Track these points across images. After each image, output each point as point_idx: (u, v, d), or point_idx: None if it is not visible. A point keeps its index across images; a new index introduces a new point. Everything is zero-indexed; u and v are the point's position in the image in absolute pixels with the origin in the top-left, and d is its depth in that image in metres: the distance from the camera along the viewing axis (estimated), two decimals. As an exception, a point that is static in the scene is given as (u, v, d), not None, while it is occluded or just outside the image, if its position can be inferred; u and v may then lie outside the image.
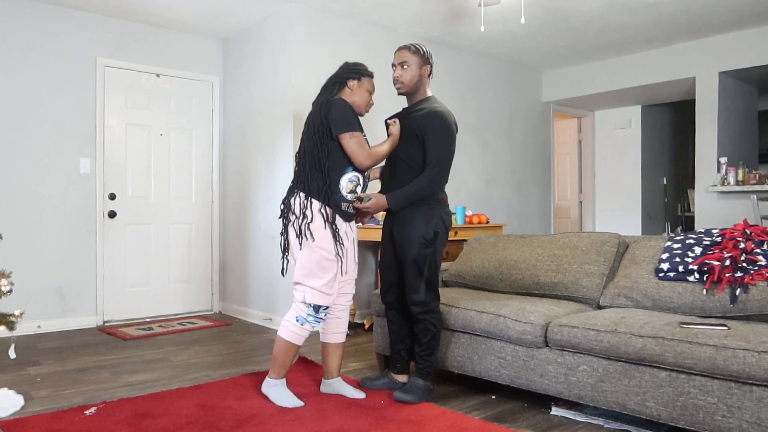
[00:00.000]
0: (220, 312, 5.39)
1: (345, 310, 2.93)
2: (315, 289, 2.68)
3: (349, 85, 2.79)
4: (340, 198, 2.70)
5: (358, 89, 2.80)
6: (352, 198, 2.72)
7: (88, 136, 4.72)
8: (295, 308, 2.73)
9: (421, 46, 2.91)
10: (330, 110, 2.66)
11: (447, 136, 2.81)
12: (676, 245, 2.84)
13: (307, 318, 2.70)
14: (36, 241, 4.47)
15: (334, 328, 2.91)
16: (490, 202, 6.08)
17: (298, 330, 2.72)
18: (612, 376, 2.43)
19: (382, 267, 3.02)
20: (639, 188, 7.29)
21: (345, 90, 2.80)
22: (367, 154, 2.68)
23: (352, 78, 2.79)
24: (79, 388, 3.08)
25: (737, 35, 5.31)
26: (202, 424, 2.50)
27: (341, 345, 2.94)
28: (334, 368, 2.93)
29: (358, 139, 2.66)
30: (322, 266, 2.67)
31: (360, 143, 2.66)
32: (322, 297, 2.69)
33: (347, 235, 2.80)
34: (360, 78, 2.80)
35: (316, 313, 2.70)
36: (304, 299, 2.69)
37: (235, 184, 5.24)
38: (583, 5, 4.60)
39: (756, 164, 6.29)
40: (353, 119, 2.68)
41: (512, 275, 3.28)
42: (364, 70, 2.83)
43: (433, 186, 2.79)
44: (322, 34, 4.70)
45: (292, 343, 2.73)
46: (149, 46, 5.01)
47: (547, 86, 6.75)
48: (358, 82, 2.79)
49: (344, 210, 2.73)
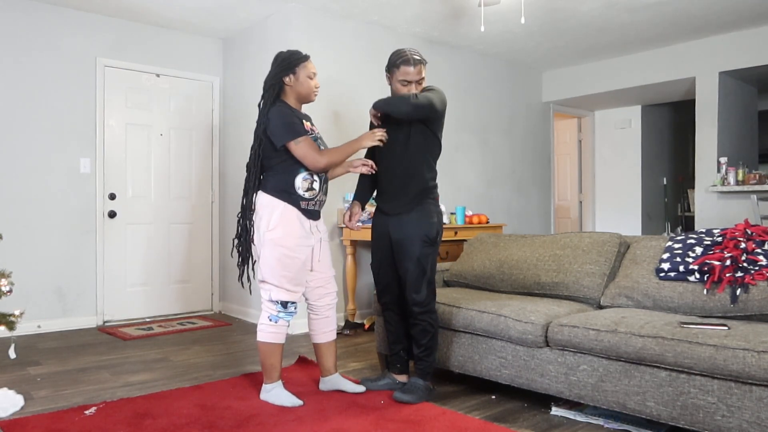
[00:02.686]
0: (220, 312, 5.39)
1: (332, 308, 2.93)
2: (279, 286, 2.69)
3: (286, 82, 2.75)
4: (298, 197, 2.71)
5: (297, 82, 2.75)
6: (310, 196, 2.73)
7: (88, 136, 4.72)
8: (265, 308, 2.75)
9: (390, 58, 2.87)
10: (267, 124, 2.67)
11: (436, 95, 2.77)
12: (677, 245, 2.84)
13: (278, 315, 2.72)
14: (36, 241, 4.47)
15: (324, 327, 2.91)
16: (490, 202, 6.08)
17: (273, 329, 2.73)
18: (612, 376, 2.43)
19: (375, 268, 2.98)
20: (639, 188, 7.29)
21: (284, 89, 2.76)
22: (318, 156, 2.65)
23: (287, 74, 2.74)
24: (79, 388, 3.07)
25: (737, 35, 5.31)
26: (202, 424, 2.49)
27: (333, 342, 2.94)
28: (330, 365, 2.94)
29: (304, 143, 2.64)
30: (284, 264, 2.67)
31: (306, 147, 2.64)
32: (287, 293, 2.70)
33: (312, 232, 2.78)
34: (294, 70, 2.74)
35: (284, 308, 2.72)
36: (270, 297, 2.71)
37: (235, 184, 5.23)
38: (583, 5, 4.60)
39: (756, 164, 6.28)
40: (292, 125, 2.65)
41: (513, 275, 3.28)
42: (296, 60, 2.75)
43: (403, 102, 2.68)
44: (322, 34, 4.70)
45: (272, 343, 2.74)
46: (149, 46, 5.01)
47: (547, 86, 6.75)
48: (294, 76, 2.74)
49: (304, 208, 2.73)
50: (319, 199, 2.79)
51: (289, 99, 2.78)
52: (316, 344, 2.94)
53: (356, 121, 4.78)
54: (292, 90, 2.77)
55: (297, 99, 2.80)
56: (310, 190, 2.72)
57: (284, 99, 2.77)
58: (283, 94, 2.77)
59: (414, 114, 2.72)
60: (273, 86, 2.74)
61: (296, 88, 2.76)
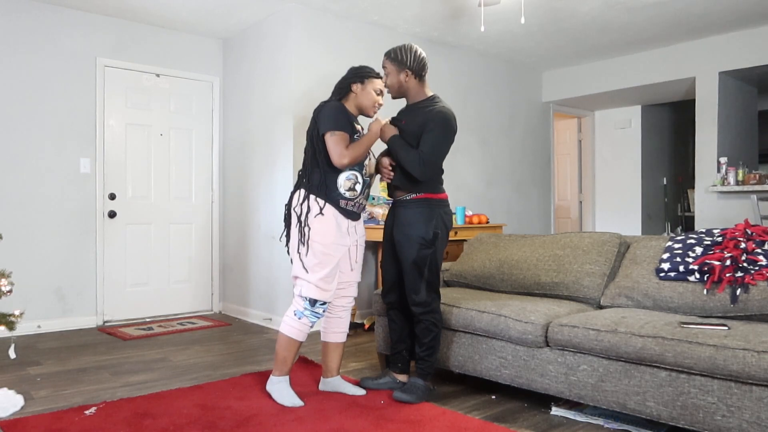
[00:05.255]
0: (220, 312, 5.39)
1: (347, 310, 2.95)
2: (311, 283, 2.71)
3: (354, 89, 2.84)
4: (338, 195, 2.73)
5: (362, 92, 2.84)
6: (351, 196, 2.75)
7: (88, 136, 4.72)
8: (294, 302, 2.78)
9: (402, 51, 2.86)
10: (320, 112, 2.76)
11: (445, 134, 2.79)
12: (677, 245, 2.84)
13: (303, 312, 2.73)
14: (36, 241, 4.47)
15: (336, 327, 2.93)
16: (490, 202, 6.08)
17: (296, 324, 2.74)
18: (612, 376, 2.43)
19: (382, 267, 3.02)
20: (639, 188, 7.29)
21: (350, 94, 2.86)
22: (341, 152, 2.67)
23: (356, 82, 2.84)
24: (79, 388, 3.07)
25: (737, 35, 5.31)
26: (202, 424, 2.49)
27: (342, 344, 2.96)
28: (334, 367, 2.96)
29: (337, 137, 2.68)
30: (319, 260, 2.70)
31: (336, 142, 2.67)
32: (318, 291, 2.72)
33: (348, 233, 2.81)
34: (363, 81, 2.84)
35: (312, 307, 2.73)
36: (301, 293, 2.73)
37: (235, 184, 5.24)
38: (583, 5, 4.60)
39: (756, 164, 6.28)
40: (340, 120, 2.71)
41: (513, 275, 3.28)
42: (368, 73, 2.86)
43: (411, 169, 2.73)
44: (322, 34, 4.70)
45: (291, 338, 2.75)
46: (149, 46, 5.01)
47: (547, 86, 6.74)
48: (362, 85, 2.84)
49: (343, 207, 2.75)
50: (359, 201, 2.81)
51: (350, 105, 2.86)
52: (324, 342, 2.97)
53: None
54: (356, 98, 2.85)
55: (357, 107, 2.87)
56: (351, 191, 2.75)
57: (345, 104, 2.85)
58: (346, 100, 2.86)
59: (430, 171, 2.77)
60: (341, 89, 2.86)
61: (360, 97, 2.85)
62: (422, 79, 2.91)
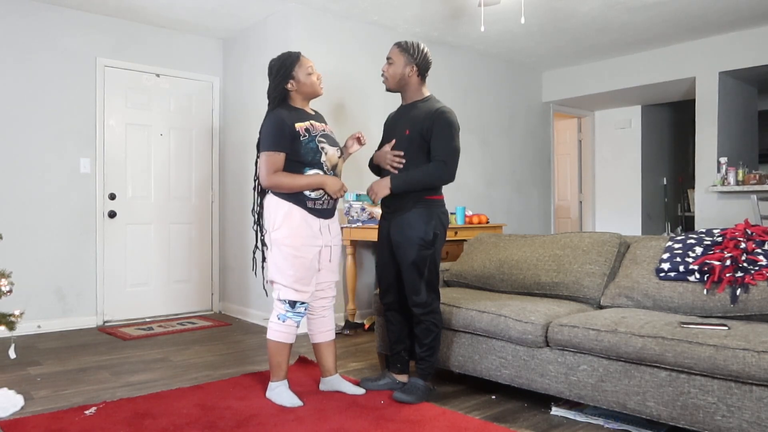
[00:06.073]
0: (220, 312, 5.39)
1: (327, 309, 2.95)
2: (287, 286, 2.71)
3: (289, 88, 2.79)
4: (303, 196, 2.73)
5: (299, 83, 2.79)
6: (316, 195, 2.74)
7: (88, 136, 4.72)
8: (275, 306, 2.78)
9: (415, 45, 2.87)
10: (262, 127, 2.77)
11: (454, 133, 2.79)
12: (677, 245, 2.84)
13: (286, 314, 2.74)
14: (36, 241, 4.47)
15: (321, 327, 2.93)
16: (490, 202, 6.08)
17: (281, 328, 2.75)
18: (612, 376, 2.43)
19: (379, 268, 3.00)
20: (639, 188, 7.29)
21: (289, 94, 2.81)
22: (270, 176, 2.67)
23: (286, 81, 2.78)
24: (79, 388, 3.07)
25: (737, 35, 5.31)
26: (202, 424, 2.49)
27: (332, 342, 2.96)
28: (330, 365, 2.95)
29: (267, 158, 2.68)
30: (291, 263, 2.70)
31: (267, 161, 2.68)
32: (295, 293, 2.72)
33: (321, 233, 2.78)
34: (292, 75, 2.77)
35: (293, 308, 2.74)
36: (279, 296, 2.74)
37: (235, 184, 5.24)
38: (583, 5, 4.61)
39: (756, 164, 6.29)
40: (277, 138, 2.68)
41: (513, 275, 3.28)
42: (290, 63, 2.78)
43: (437, 178, 2.76)
44: (322, 34, 4.70)
45: (280, 342, 2.76)
46: (149, 46, 5.01)
47: (546, 86, 6.74)
48: (294, 79, 2.78)
49: (311, 207, 2.74)
50: (327, 198, 2.79)
51: (296, 102, 2.82)
52: (315, 344, 2.96)
53: (356, 120, 4.79)
54: (297, 93, 2.81)
55: (304, 99, 2.84)
56: (316, 190, 2.74)
57: (291, 103, 2.81)
58: (290, 99, 2.82)
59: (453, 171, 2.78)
60: (275, 97, 2.79)
61: (300, 90, 2.81)
62: (423, 79, 2.93)
